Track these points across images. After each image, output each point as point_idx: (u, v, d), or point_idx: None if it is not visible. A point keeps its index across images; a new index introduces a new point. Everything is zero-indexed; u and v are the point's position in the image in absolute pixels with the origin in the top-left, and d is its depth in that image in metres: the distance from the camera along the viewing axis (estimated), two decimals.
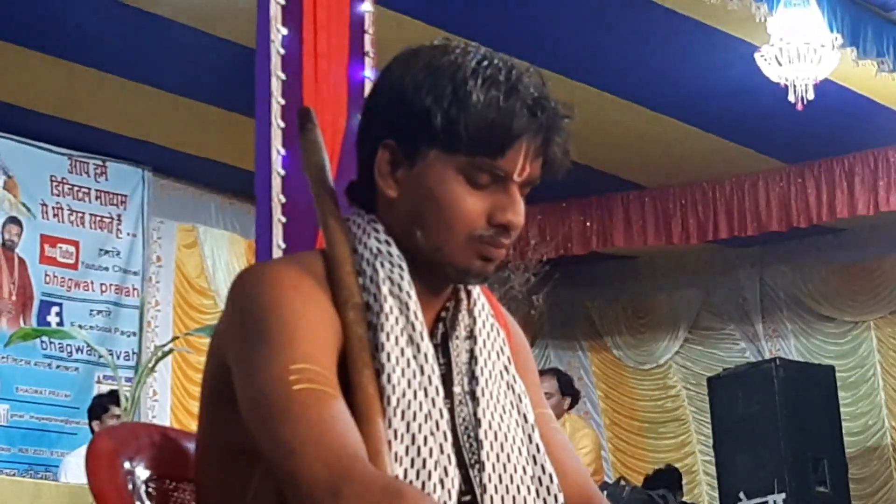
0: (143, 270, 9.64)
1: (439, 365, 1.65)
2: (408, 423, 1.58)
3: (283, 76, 3.95)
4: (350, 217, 1.71)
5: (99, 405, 7.34)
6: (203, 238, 10.15)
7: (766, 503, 9.08)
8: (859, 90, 8.52)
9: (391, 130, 1.65)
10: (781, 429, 9.15)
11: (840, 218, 9.97)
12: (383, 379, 1.58)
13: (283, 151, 3.90)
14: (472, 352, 1.70)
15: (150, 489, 1.70)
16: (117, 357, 8.75)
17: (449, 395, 1.65)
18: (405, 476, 1.56)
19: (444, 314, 1.70)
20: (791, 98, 7.42)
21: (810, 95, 7.37)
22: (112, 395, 7.19)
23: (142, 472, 1.70)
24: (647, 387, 12.12)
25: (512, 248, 1.72)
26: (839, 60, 7.43)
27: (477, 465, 1.64)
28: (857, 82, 8.33)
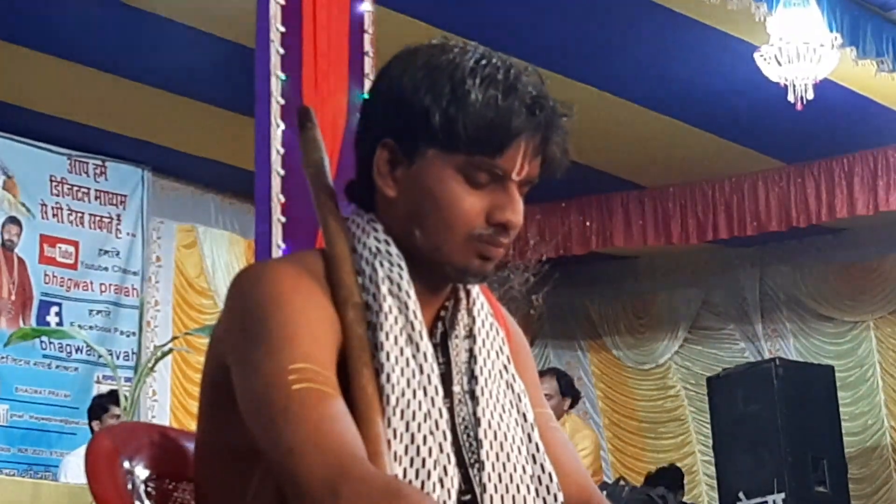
0: (143, 270, 9.63)
1: (439, 364, 1.64)
2: (407, 423, 1.58)
3: (282, 76, 3.95)
4: (349, 216, 1.70)
5: (99, 405, 7.34)
6: (202, 238, 10.14)
7: (766, 503, 9.07)
8: (859, 90, 8.51)
9: (390, 130, 1.65)
10: (781, 429, 9.14)
11: (839, 218, 9.96)
12: (383, 378, 1.58)
13: (282, 151, 3.90)
14: (471, 351, 1.70)
15: (149, 489, 1.70)
16: (117, 357, 8.74)
17: (448, 395, 1.65)
18: (404, 475, 1.56)
19: (443, 313, 1.70)
20: (791, 98, 7.42)
21: (810, 95, 7.37)
22: (112, 395, 7.19)
23: (141, 472, 1.70)
24: (646, 387, 12.11)
25: (511, 248, 1.71)
26: (839, 60, 7.43)
27: (476, 465, 1.64)
28: (856, 82, 8.32)
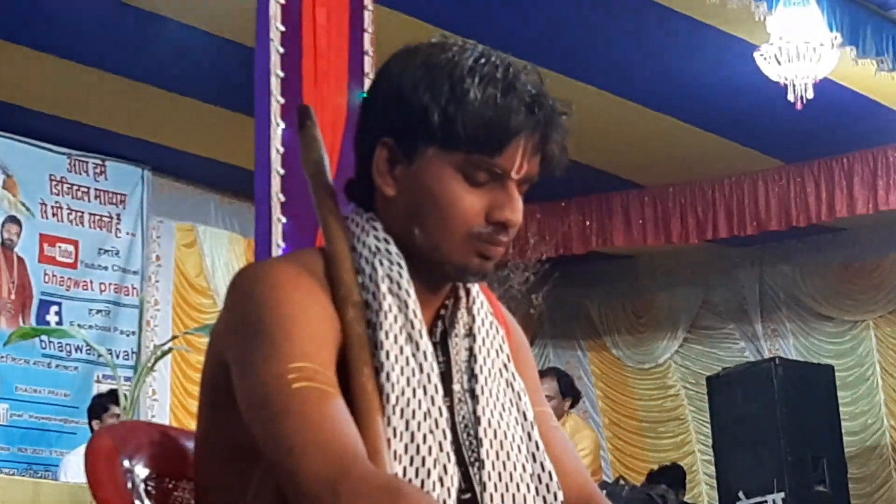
0: (143, 270, 9.63)
1: (438, 363, 1.64)
2: (407, 421, 1.57)
3: (282, 75, 3.95)
4: (349, 215, 1.70)
5: (99, 404, 7.34)
6: (202, 237, 10.14)
7: (766, 502, 9.06)
8: (858, 89, 8.51)
9: (389, 128, 1.65)
10: (781, 428, 9.14)
11: (839, 217, 9.96)
12: (382, 377, 1.58)
13: (282, 150, 3.90)
14: (471, 350, 1.70)
15: (149, 488, 1.70)
16: (116, 356, 8.74)
17: (448, 393, 1.65)
18: (404, 474, 1.56)
19: (443, 312, 1.70)
20: (790, 97, 7.42)
21: (810, 94, 7.37)
22: (111, 395, 7.19)
23: (141, 471, 1.70)
24: (646, 386, 12.11)
25: (511, 247, 1.71)
26: (838, 59, 7.43)
27: (476, 463, 1.64)
28: (856, 81, 8.32)
